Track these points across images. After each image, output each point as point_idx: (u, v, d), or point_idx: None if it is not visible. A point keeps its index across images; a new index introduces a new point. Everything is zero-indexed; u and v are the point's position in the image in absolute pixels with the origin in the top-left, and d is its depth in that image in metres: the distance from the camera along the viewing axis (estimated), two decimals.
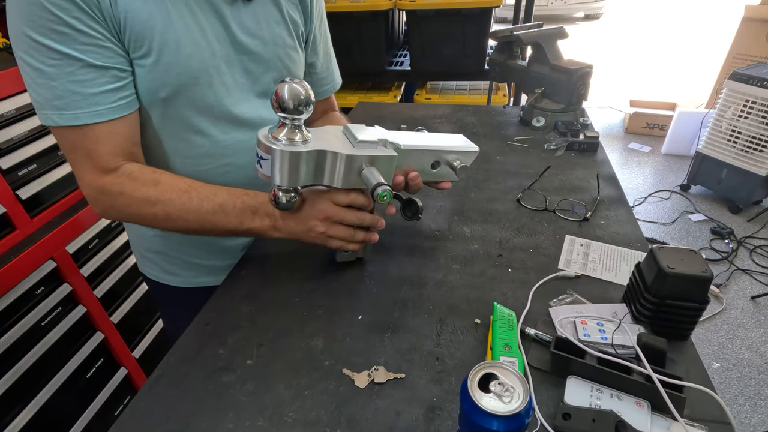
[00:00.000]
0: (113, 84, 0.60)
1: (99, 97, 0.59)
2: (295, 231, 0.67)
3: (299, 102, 0.54)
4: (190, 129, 0.70)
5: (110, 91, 0.60)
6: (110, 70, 0.59)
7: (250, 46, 0.70)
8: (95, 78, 0.58)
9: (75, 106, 0.59)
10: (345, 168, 0.61)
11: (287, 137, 0.57)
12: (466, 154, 0.73)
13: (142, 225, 0.69)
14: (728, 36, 3.18)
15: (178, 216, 0.65)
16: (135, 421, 0.52)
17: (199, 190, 0.66)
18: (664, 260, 0.56)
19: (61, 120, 0.59)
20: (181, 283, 0.87)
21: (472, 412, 0.36)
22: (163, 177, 0.66)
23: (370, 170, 0.61)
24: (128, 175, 0.64)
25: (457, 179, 0.74)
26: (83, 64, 0.57)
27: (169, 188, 0.65)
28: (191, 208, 0.65)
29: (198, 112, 0.69)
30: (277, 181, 0.59)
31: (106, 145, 0.62)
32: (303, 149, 0.57)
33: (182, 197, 0.65)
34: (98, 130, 0.61)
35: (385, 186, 0.59)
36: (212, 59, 0.67)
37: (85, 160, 0.63)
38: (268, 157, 0.57)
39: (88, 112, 0.59)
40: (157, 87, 0.64)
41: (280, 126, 0.58)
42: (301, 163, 0.58)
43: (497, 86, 2.23)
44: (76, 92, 0.58)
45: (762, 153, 2.34)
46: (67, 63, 0.56)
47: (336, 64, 0.93)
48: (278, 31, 0.74)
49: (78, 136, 0.61)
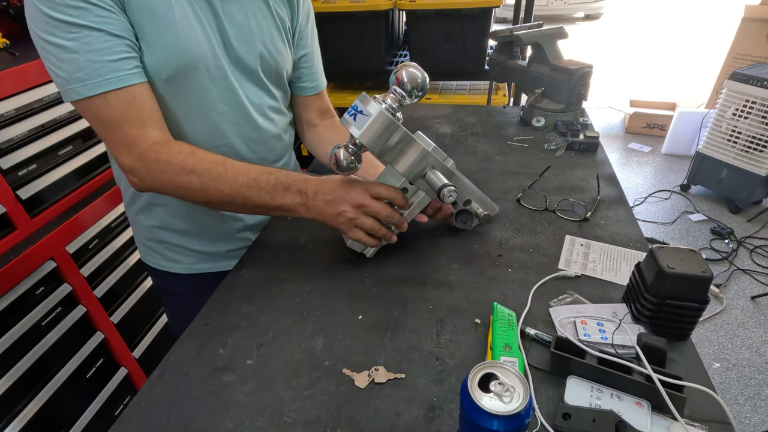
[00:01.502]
0: (128, 53, 0.63)
1: (118, 64, 0.62)
2: (324, 212, 0.68)
3: (415, 85, 0.62)
4: (188, 112, 0.73)
5: (127, 59, 0.63)
6: (125, 40, 0.62)
7: (238, 37, 0.73)
8: (113, 46, 0.61)
9: (96, 74, 0.61)
10: (416, 161, 0.67)
11: (391, 107, 0.62)
12: (490, 207, 0.80)
13: (176, 195, 0.70)
14: (728, 36, 3.18)
15: (213, 186, 0.66)
16: (135, 421, 0.52)
17: (233, 163, 0.68)
18: (664, 260, 0.56)
19: (84, 90, 0.61)
20: (183, 270, 0.90)
21: (472, 412, 0.36)
22: (197, 149, 0.68)
23: (434, 173, 0.67)
24: (164, 143, 0.67)
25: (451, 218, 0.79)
26: (101, 33, 0.60)
27: (204, 158, 0.67)
28: (226, 179, 0.66)
29: (194, 96, 0.72)
30: (361, 137, 0.61)
31: (132, 111, 0.64)
32: (400, 123, 0.63)
33: (218, 168, 0.67)
34: (121, 96, 0.63)
35: (451, 187, 0.64)
36: (208, 45, 0.70)
37: (114, 131, 0.65)
38: (369, 112, 0.60)
39: (108, 78, 0.61)
40: (159, 68, 0.67)
41: (389, 94, 0.63)
42: (392, 133, 0.63)
43: (497, 86, 2.23)
44: (96, 60, 0.60)
45: (762, 153, 2.34)
46: (85, 34, 0.59)
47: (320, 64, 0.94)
48: (265, 25, 0.77)
49: (103, 106, 0.63)
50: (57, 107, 1.14)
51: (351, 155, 0.64)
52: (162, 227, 0.85)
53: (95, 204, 1.23)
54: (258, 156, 0.84)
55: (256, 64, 0.77)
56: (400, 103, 0.63)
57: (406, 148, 0.66)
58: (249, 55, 0.75)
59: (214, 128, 0.76)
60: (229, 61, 0.74)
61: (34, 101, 1.09)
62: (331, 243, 0.79)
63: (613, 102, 4.03)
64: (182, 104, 0.72)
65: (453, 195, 0.65)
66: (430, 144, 0.72)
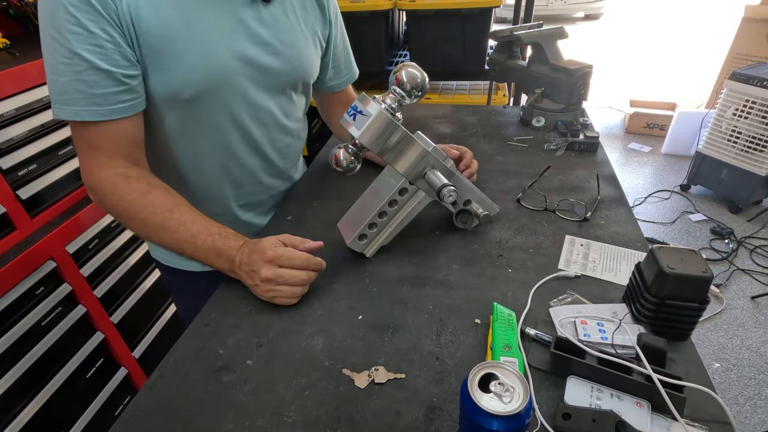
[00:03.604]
0: (116, 87, 0.62)
1: (101, 98, 0.62)
2: (248, 284, 0.66)
3: (415, 85, 0.62)
4: (211, 129, 0.74)
5: (112, 94, 0.62)
6: (114, 74, 0.62)
7: (268, 47, 0.73)
8: (99, 81, 0.61)
9: (77, 103, 0.61)
10: (416, 161, 0.67)
11: (391, 107, 0.63)
12: (490, 207, 0.80)
13: (125, 225, 0.72)
14: (728, 36, 3.18)
15: (154, 232, 0.67)
16: (135, 421, 0.52)
17: (182, 212, 0.67)
18: (664, 260, 0.56)
19: (61, 114, 0.62)
20: (194, 267, 0.90)
21: (472, 412, 0.36)
22: (155, 189, 0.68)
23: (434, 173, 0.68)
24: (124, 176, 0.67)
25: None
26: (90, 66, 0.60)
27: (154, 202, 0.67)
28: (168, 229, 0.67)
29: (220, 110, 0.72)
30: (360, 137, 0.62)
31: (107, 142, 0.66)
32: (400, 123, 0.64)
33: (164, 215, 0.67)
34: (100, 127, 0.64)
35: (451, 187, 0.65)
36: (231, 60, 0.70)
37: (86, 153, 0.67)
38: (368, 113, 0.61)
39: (88, 110, 0.62)
40: (181, 88, 0.67)
41: (389, 94, 0.63)
42: (392, 134, 0.63)
43: (497, 86, 2.22)
44: (79, 90, 0.61)
45: (762, 153, 2.34)
46: (76, 62, 0.59)
47: (352, 56, 0.98)
48: (294, 31, 0.77)
49: (81, 131, 0.65)
50: None
51: (351, 155, 0.64)
52: None
53: (95, 204, 1.23)
54: (283, 164, 0.88)
55: (284, 75, 0.78)
56: (399, 103, 0.63)
57: (406, 148, 0.66)
58: (277, 66, 0.76)
59: (245, 137, 0.78)
60: (255, 73, 0.74)
61: (34, 101, 1.09)
62: (331, 243, 0.79)
63: (613, 102, 4.03)
64: (208, 119, 0.72)
65: (453, 195, 0.65)
66: (429, 144, 0.72)
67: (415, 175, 0.68)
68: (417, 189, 0.71)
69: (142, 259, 1.41)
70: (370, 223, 0.72)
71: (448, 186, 0.65)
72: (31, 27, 1.33)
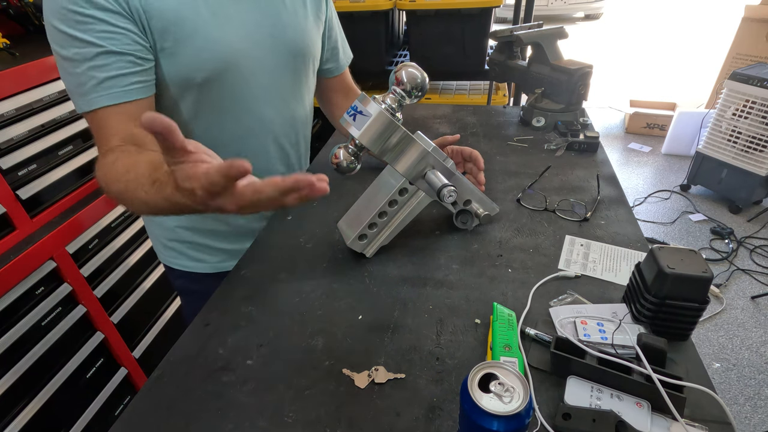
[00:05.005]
0: (129, 69, 0.62)
1: (113, 81, 0.62)
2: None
3: (415, 85, 0.62)
4: (225, 114, 0.74)
5: (125, 75, 0.62)
6: (127, 56, 0.62)
7: (274, 28, 0.74)
8: (112, 63, 0.61)
9: (90, 91, 0.61)
10: (416, 161, 0.68)
11: (391, 107, 0.63)
12: (490, 207, 0.80)
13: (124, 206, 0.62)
14: (728, 36, 3.18)
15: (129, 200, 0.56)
16: (135, 421, 0.52)
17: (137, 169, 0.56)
18: (664, 260, 0.56)
19: (84, 105, 0.62)
20: (209, 269, 0.90)
21: (472, 412, 0.36)
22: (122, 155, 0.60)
23: (434, 173, 0.68)
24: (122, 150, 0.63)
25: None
26: (102, 50, 0.60)
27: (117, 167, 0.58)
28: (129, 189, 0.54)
29: (232, 95, 0.73)
30: (360, 138, 0.62)
31: (113, 127, 0.64)
32: (400, 123, 0.64)
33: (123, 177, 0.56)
34: (109, 112, 0.63)
35: (451, 187, 0.65)
36: (240, 42, 0.70)
37: (99, 144, 0.65)
38: (368, 113, 0.61)
39: (101, 95, 0.62)
40: (192, 72, 0.67)
41: (389, 95, 0.63)
42: (392, 134, 0.63)
43: (497, 86, 2.22)
44: (92, 77, 0.61)
45: (762, 153, 2.34)
46: (87, 50, 0.59)
47: (345, 38, 0.99)
48: (298, 12, 0.78)
49: (95, 121, 0.64)
50: (57, 107, 1.14)
51: (351, 155, 0.64)
52: (187, 227, 0.84)
53: (95, 204, 1.23)
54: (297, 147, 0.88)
55: (292, 55, 0.78)
56: (399, 103, 0.63)
57: (406, 148, 0.66)
58: (285, 47, 0.76)
59: (258, 121, 0.78)
60: (264, 54, 0.74)
61: (34, 101, 1.09)
62: (331, 243, 0.79)
63: (613, 102, 4.03)
64: (221, 103, 0.72)
65: (453, 195, 0.65)
66: (429, 144, 0.72)
67: (415, 175, 0.69)
68: (417, 189, 0.71)
69: (142, 259, 1.41)
70: (370, 223, 0.72)
71: (448, 186, 0.65)
72: (31, 27, 1.33)
